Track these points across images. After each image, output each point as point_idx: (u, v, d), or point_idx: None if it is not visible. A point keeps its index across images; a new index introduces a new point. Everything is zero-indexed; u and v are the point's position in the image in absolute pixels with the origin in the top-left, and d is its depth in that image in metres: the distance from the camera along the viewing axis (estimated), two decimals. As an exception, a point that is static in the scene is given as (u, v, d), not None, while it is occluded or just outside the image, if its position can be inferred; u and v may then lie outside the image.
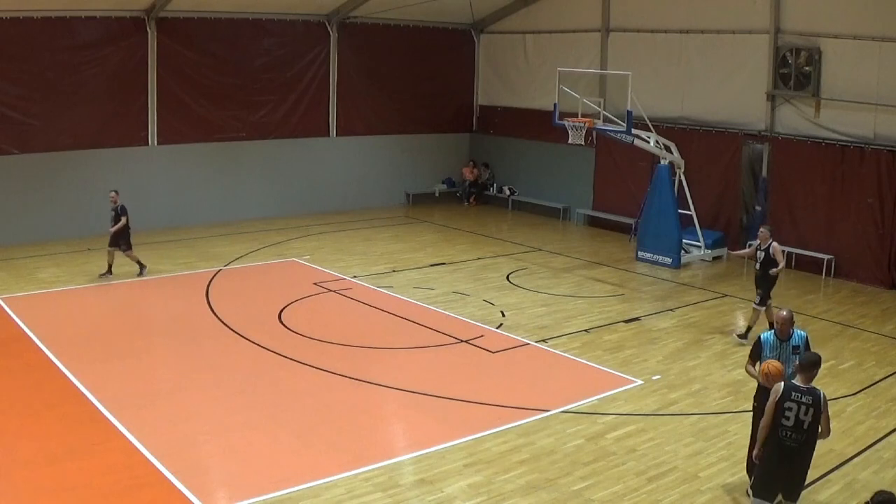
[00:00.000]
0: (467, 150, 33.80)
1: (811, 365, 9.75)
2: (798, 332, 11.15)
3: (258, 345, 16.62)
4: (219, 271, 22.10)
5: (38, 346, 16.20)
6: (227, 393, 14.35)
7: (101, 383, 14.31)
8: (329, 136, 30.58)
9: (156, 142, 26.86)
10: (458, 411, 13.78)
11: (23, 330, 17.11)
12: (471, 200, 32.69)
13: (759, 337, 11.25)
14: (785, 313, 11.10)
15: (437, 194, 32.98)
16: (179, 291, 20.37)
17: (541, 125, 28.09)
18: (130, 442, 12.30)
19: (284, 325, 17.89)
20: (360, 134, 31.14)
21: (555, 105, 23.90)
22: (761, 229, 17.68)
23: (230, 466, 11.86)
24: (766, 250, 17.37)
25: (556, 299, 20.26)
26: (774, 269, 17.27)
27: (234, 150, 28.33)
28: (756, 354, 11.16)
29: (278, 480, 11.28)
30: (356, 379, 14.94)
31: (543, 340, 17.21)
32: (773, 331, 11.24)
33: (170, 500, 10.83)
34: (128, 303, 19.54)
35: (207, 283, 21.00)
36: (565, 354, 16.49)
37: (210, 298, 19.80)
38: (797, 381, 9.69)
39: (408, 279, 21.74)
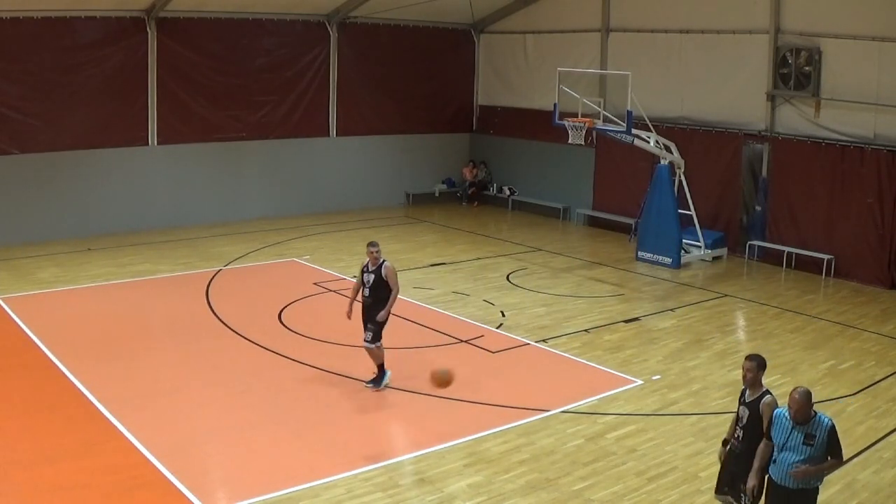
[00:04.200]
0: (467, 150, 33.79)
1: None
2: (822, 419, 8.89)
3: (258, 345, 16.64)
4: (219, 271, 22.11)
5: (37, 346, 16.21)
6: (226, 393, 14.36)
7: (101, 383, 14.33)
8: (329, 135, 30.58)
9: (156, 142, 26.86)
10: (458, 411, 13.78)
11: (23, 330, 17.12)
12: (473, 202, 32.66)
13: (773, 412, 9.15)
14: (797, 394, 8.79)
15: (437, 194, 32.97)
16: (180, 291, 20.36)
17: (541, 125, 28.07)
18: (130, 442, 12.31)
19: (284, 325, 17.92)
20: (360, 134, 31.14)
21: (555, 105, 23.90)
22: (370, 247, 14.59)
23: (230, 466, 11.87)
24: (377, 272, 14.46)
25: (556, 299, 20.27)
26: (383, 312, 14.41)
27: (234, 150, 28.34)
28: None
29: (278, 480, 11.29)
30: (356, 379, 14.94)
31: (543, 340, 17.22)
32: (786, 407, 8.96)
33: (169, 500, 10.84)
34: (128, 303, 19.51)
35: (208, 283, 21.01)
36: (565, 354, 16.50)
37: (210, 298, 19.81)
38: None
39: (408, 279, 21.64)
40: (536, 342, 17.14)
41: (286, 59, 29.21)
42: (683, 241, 23.78)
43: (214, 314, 18.67)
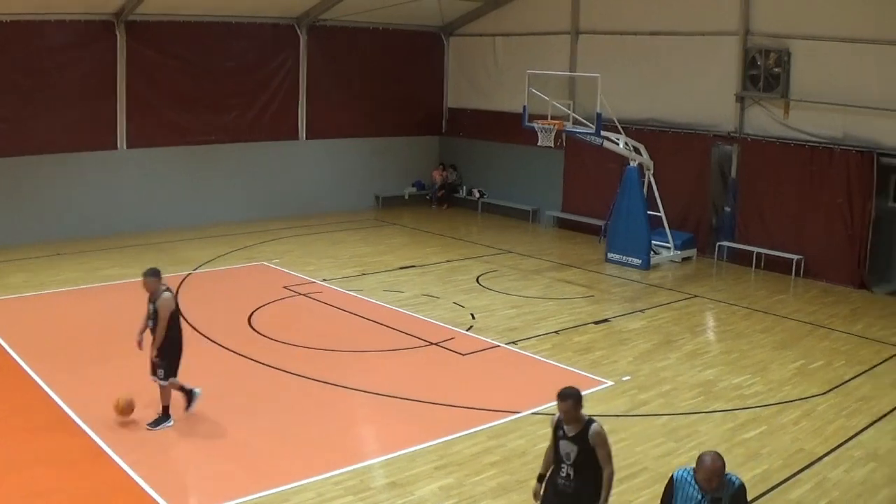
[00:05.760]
0: (437, 153, 33.72)
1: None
2: (732, 479, 7.66)
3: (228, 349, 16.51)
4: (188, 275, 21.92)
5: (6, 351, 16.01)
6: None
7: (72, 389, 14.09)
8: (299, 139, 30.45)
9: (125, 145, 26.66)
10: (428, 414, 13.70)
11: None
12: (443, 205, 32.59)
13: (673, 476, 8.07)
14: (712, 461, 7.54)
15: (406, 197, 32.89)
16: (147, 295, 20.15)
17: (510, 127, 27.92)
18: (101, 448, 12.16)
19: (254, 329, 17.77)
20: (330, 137, 31.00)
21: (524, 107, 23.87)
22: (145, 277, 13.39)
23: (200, 471, 11.78)
24: (155, 302, 13.29)
25: (525, 301, 20.22)
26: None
27: (203, 153, 28.16)
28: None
29: (248, 484, 11.19)
30: (326, 382, 14.86)
31: (514, 342, 17.16)
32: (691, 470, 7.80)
33: (138, 507, 10.72)
34: (98, 308, 19.31)
35: (177, 287, 20.82)
36: (535, 356, 16.44)
37: (179, 302, 19.61)
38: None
39: (377, 282, 21.66)
40: (507, 344, 17.07)
41: (256, 63, 29.07)
42: (653, 242, 23.82)
43: (184, 318, 18.49)
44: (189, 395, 13.42)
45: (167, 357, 13.08)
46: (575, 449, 8.67)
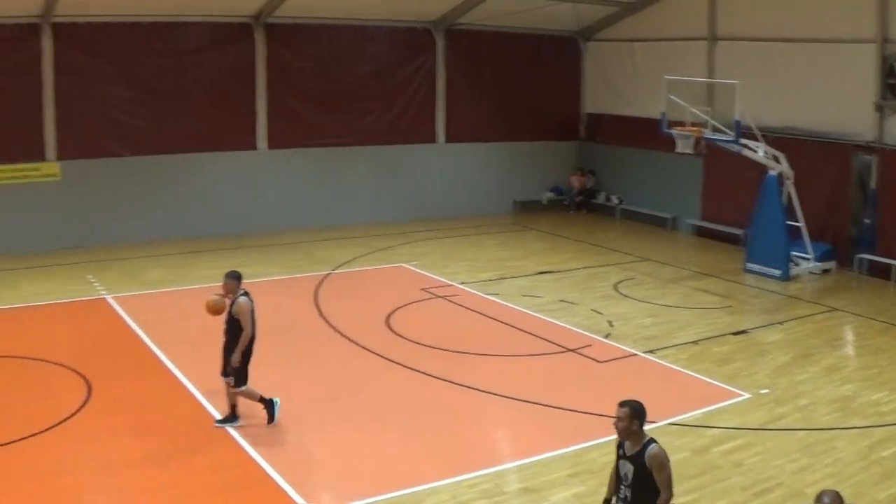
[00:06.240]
0: (575, 158, 33.88)
1: None
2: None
3: (365, 348, 17.10)
4: (327, 275, 22.60)
5: (145, 344, 16.95)
6: (333, 395, 14.86)
7: (209, 383, 14.50)
8: (436, 142, 31.00)
9: (265, 146, 27.55)
10: (564, 420, 14.01)
11: (131, 328, 17.96)
12: (580, 211, 32.73)
13: None
14: (827, 502, 7.76)
15: (544, 202, 33.14)
16: (288, 294, 20.95)
17: (648, 133, 27.82)
18: (236, 441, 12.80)
19: (392, 330, 18.32)
20: (467, 140, 31.47)
21: (662, 114, 23.96)
22: (226, 279, 13.35)
23: (335, 468, 12.25)
24: (232, 305, 13.28)
25: (663, 310, 20.34)
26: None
27: (341, 155, 28.97)
28: None
29: (382, 484, 11.58)
30: (462, 385, 15.27)
31: (651, 351, 17.32)
32: None
33: (274, 500, 11.26)
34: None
35: (316, 286, 21.52)
36: (672, 366, 16.58)
37: (319, 302, 20.32)
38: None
39: (515, 286, 21.99)
40: (644, 353, 17.23)
41: (392, 66, 29.74)
42: (792, 253, 23.63)
43: (323, 317, 19.16)
44: (270, 407, 13.41)
45: (236, 367, 13.13)
46: (631, 469, 8.32)
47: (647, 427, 13.25)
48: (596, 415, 14.06)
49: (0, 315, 19.09)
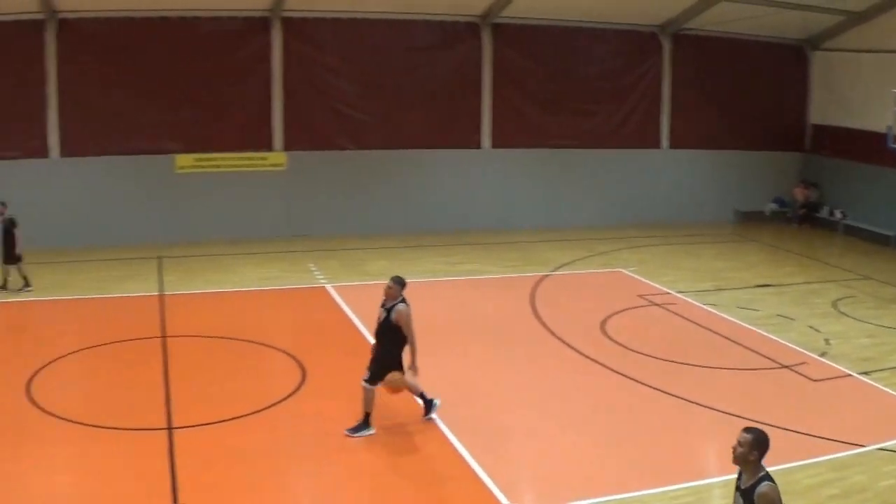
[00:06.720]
0: (798, 170, 33.26)
1: None
2: None
3: (578, 351, 17.48)
4: (545, 277, 23.04)
5: (363, 334, 17.79)
6: (542, 396, 15.28)
7: (421, 376, 14.19)
8: (660, 147, 31.06)
9: (489, 144, 28.22)
10: (772, 438, 13.88)
11: (349, 318, 18.95)
12: (803, 224, 32.18)
13: None
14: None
15: (767, 213, 32.68)
16: (505, 293, 21.58)
17: (876, 148, 27.22)
18: (445, 434, 13.38)
19: (606, 335, 18.62)
20: (690, 147, 31.41)
21: (888, 128, 23.40)
22: (390, 283, 13.41)
23: (537, 469, 12.66)
24: (390, 311, 13.29)
25: (882, 331, 19.83)
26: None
27: (564, 156, 29.56)
28: None
29: (586, 489, 11.89)
30: (672, 394, 15.42)
31: (866, 373, 16.96)
32: None
33: (477, 495, 11.72)
34: (453, 301, 20.81)
35: (533, 287, 21.97)
36: (887, 389, 16.19)
37: (535, 302, 20.77)
38: None
39: (732, 298, 21.91)
40: (859, 374, 16.89)
41: (618, 69, 30.07)
42: None
43: (537, 318, 19.62)
44: (428, 404, 13.76)
45: (379, 362, 13.23)
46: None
47: (854, 451, 13.34)
48: (804, 434, 13.93)
49: (223, 298, 20.47)
